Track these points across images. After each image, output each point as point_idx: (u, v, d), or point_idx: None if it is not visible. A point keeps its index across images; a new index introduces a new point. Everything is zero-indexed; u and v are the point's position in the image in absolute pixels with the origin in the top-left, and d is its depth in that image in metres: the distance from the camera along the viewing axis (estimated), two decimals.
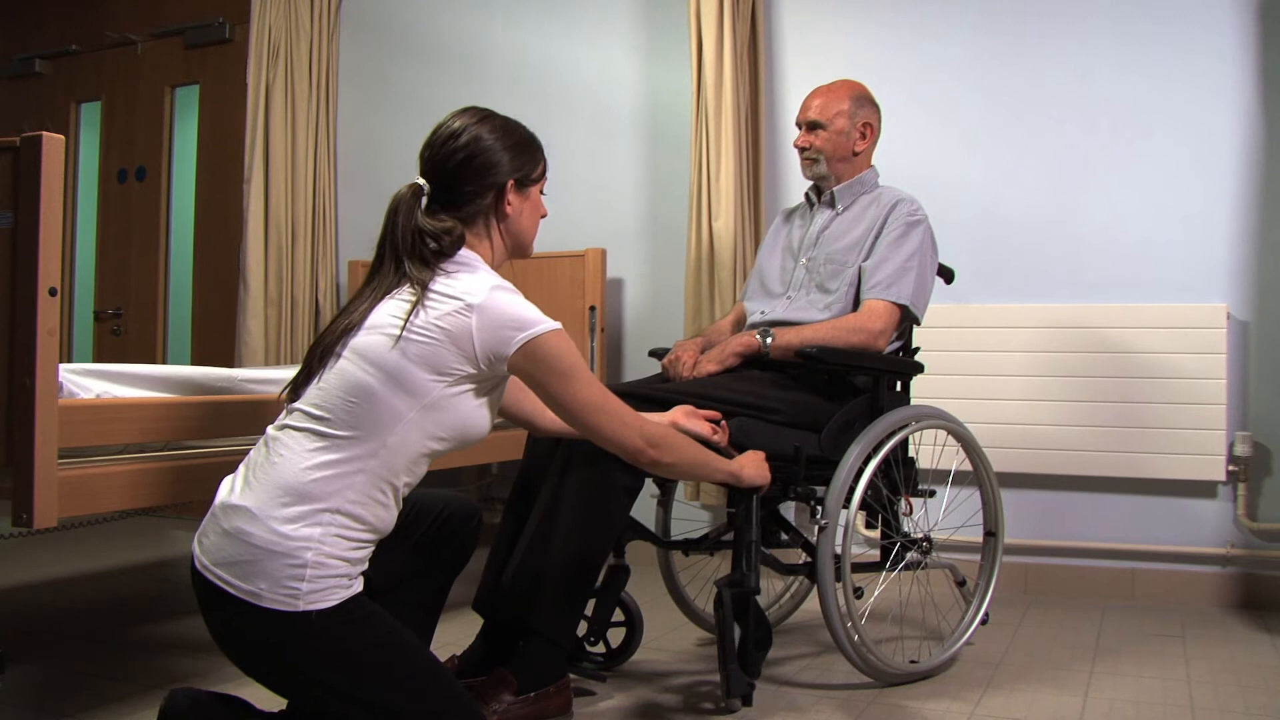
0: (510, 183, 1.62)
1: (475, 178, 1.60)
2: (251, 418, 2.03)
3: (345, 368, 1.47)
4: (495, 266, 1.63)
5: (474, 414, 1.52)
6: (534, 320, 1.50)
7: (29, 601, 2.90)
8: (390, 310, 1.49)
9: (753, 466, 1.91)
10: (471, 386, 1.50)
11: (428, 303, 1.48)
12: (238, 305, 3.86)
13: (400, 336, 1.45)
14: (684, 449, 1.73)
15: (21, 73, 4.65)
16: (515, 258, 1.72)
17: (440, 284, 1.50)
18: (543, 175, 1.70)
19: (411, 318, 1.46)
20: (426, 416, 1.46)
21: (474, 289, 1.49)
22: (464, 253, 1.58)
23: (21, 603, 2.88)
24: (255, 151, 3.85)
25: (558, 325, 1.53)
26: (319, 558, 1.38)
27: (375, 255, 1.58)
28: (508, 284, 1.54)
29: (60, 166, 1.65)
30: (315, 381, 1.49)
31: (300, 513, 1.39)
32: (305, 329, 3.85)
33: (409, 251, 1.53)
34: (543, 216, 1.73)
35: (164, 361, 4.24)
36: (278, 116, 3.85)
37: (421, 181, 1.60)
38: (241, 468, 1.48)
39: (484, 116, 1.64)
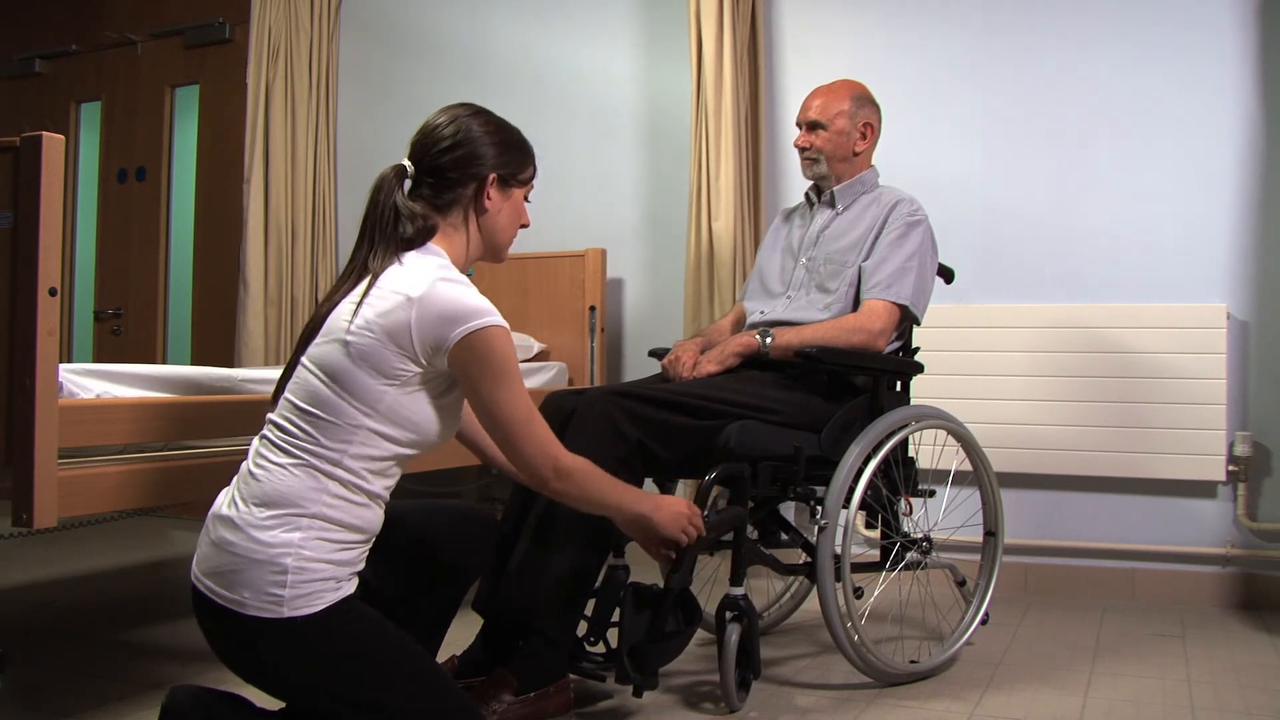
0: (493, 176, 1.60)
1: (458, 165, 1.58)
2: (251, 418, 2.02)
3: (305, 377, 1.47)
4: (466, 263, 1.60)
5: (428, 416, 1.49)
6: (478, 312, 1.45)
7: (29, 601, 2.89)
8: (342, 313, 1.48)
9: (669, 510, 1.72)
10: (423, 387, 1.47)
11: (373, 299, 1.46)
12: (238, 305, 3.86)
13: (346, 340, 1.44)
14: (592, 485, 1.60)
15: (21, 73, 4.65)
16: (488, 260, 1.69)
17: (390, 276, 1.49)
18: (529, 181, 1.68)
19: (355, 316, 1.45)
20: (382, 423, 1.45)
21: (417, 281, 1.46)
22: (429, 245, 1.56)
23: (21, 603, 2.87)
24: (255, 151, 3.85)
25: (503, 322, 1.47)
26: (300, 563, 1.37)
27: (358, 235, 1.57)
28: (459, 276, 1.51)
29: (60, 166, 1.65)
30: (285, 391, 1.50)
31: (278, 520, 1.39)
32: None
33: (383, 230, 1.53)
34: (524, 226, 1.69)
35: (164, 361, 4.24)
36: (278, 116, 3.85)
37: (406, 163, 1.60)
38: (234, 479, 1.48)
39: (477, 111, 1.63)
